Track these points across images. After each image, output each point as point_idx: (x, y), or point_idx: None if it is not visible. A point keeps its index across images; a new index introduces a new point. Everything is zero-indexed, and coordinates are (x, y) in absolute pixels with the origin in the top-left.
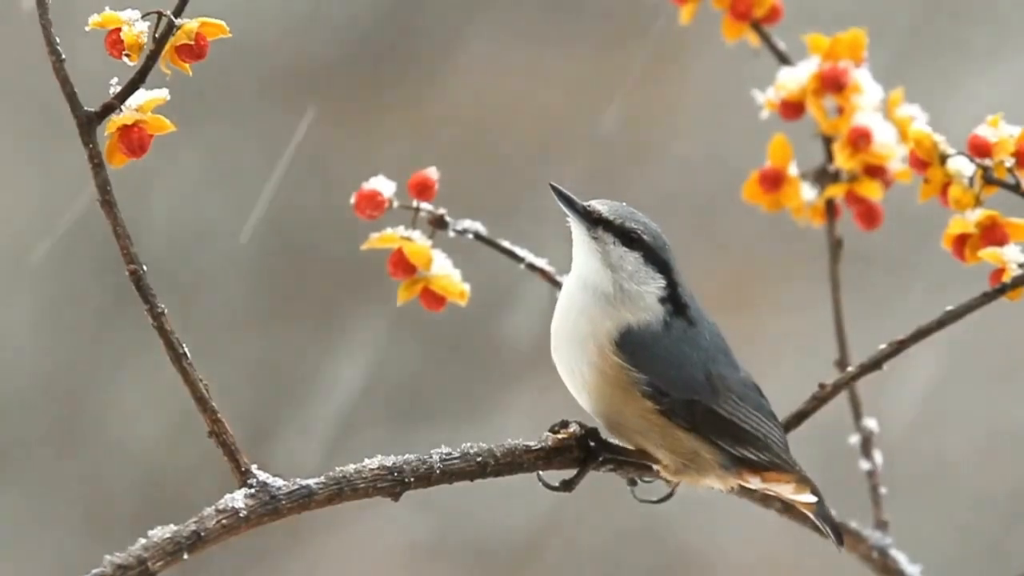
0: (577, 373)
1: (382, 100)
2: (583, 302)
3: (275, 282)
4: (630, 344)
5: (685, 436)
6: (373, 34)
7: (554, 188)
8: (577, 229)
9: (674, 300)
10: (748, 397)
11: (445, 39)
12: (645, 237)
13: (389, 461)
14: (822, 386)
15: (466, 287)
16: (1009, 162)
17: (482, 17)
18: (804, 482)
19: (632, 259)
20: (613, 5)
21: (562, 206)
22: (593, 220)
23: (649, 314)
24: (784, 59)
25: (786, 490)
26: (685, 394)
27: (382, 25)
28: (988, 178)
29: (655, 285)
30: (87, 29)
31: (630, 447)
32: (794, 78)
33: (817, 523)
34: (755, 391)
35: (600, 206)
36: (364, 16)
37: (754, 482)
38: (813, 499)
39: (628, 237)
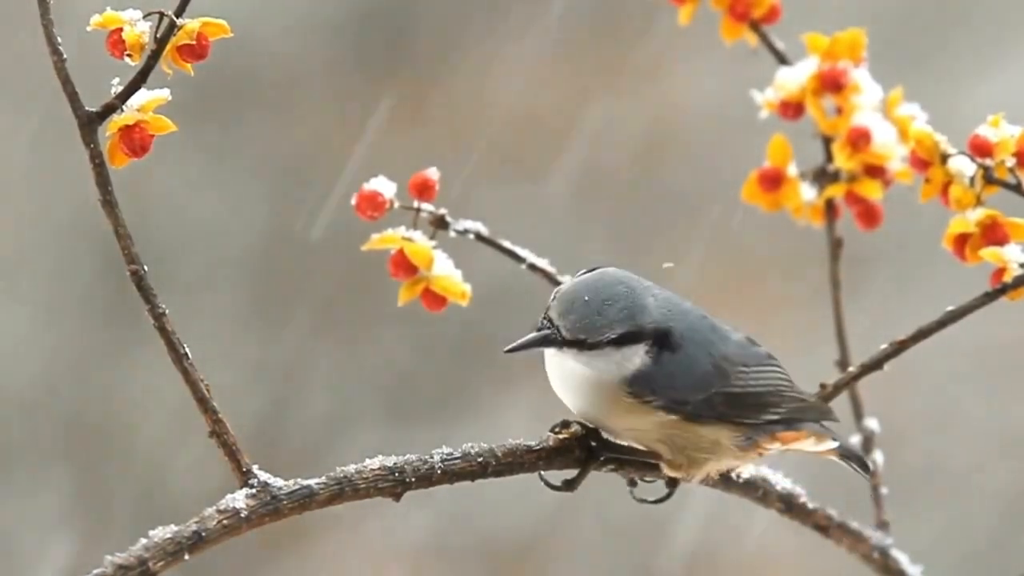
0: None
1: (382, 100)
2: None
3: (275, 282)
4: (639, 383)
5: (707, 430)
6: (373, 34)
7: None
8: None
9: (659, 341)
10: (749, 357)
11: (445, 39)
12: (608, 334)
13: (390, 461)
14: (822, 386)
15: (467, 287)
16: (1010, 162)
17: (482, 17)
18: (822, 434)
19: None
20: (613, 5)
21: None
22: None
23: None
24: (783, 59)
25: (807, 445)
26: (702, 394)
27: (382, 25)
28: (989, 178)
29: (637, 358)
30: (88, 29)
31: (637, 446)
32: (793, 78)
33: (844, 463)
34: (749, 344)
35: (564, 325)
36: (365, 16)
37: (774, 448)
38: (834, 444)
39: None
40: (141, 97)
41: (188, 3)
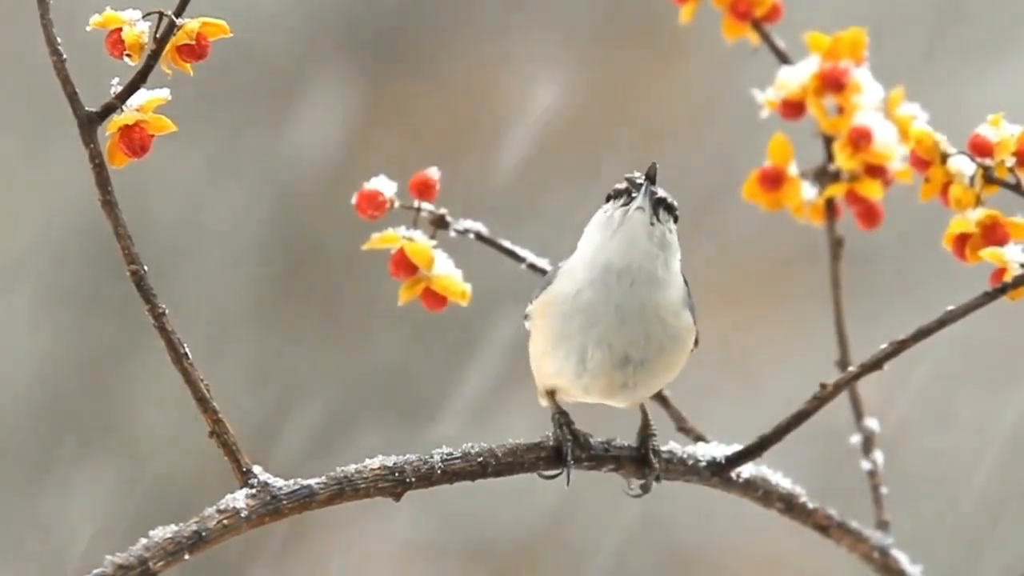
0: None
1: (384, 100)
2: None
3: (275, 282)
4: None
5: None
6: (373, 33)
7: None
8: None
9: None
10: None
11: (445, 38)
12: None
13: (390, 461)
14: (823, 386)
15: (467, 287)
16: (1010, 161)
17: (482, 16)
18: None
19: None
20: (613, 4)
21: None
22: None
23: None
24: (784, 58)
25: None
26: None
27: (382, 24)
28: (989, 177)
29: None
30: (88, 29)
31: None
32: (794, 77)
33: None
34: None
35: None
36: (364, 15)
37: None
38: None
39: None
40: (141, 97)
41: (188, 3)
